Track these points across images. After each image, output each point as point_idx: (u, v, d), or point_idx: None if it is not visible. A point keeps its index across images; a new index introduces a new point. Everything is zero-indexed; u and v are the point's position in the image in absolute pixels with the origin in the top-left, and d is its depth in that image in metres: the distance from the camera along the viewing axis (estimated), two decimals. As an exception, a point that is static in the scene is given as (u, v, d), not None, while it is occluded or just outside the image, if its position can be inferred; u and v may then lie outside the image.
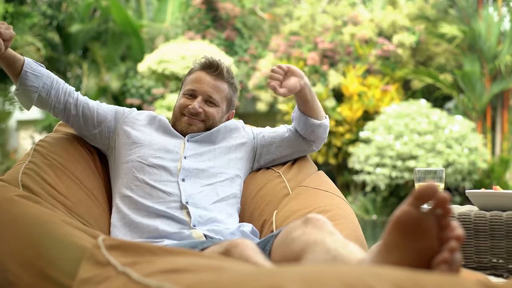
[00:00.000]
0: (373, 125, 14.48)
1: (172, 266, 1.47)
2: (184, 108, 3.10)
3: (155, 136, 3.04)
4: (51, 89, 2.99)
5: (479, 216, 2.76)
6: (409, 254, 1.55)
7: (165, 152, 2.98)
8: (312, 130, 3.22)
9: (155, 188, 2.84)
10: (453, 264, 1.51)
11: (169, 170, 2.91)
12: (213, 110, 3.12)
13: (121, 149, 3.03)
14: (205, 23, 18.63)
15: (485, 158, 14.31)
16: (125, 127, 3.07)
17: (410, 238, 1.55)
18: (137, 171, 2.90)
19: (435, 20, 16.33)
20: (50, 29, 19.88)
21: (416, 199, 1.54)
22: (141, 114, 3.17)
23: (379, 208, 14.67)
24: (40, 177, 2.84)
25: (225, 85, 3.16)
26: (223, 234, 2.72)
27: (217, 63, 3.15)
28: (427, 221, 1.54)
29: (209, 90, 3.11)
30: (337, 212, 2.80)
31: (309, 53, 16.52)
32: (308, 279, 1.10)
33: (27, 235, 2.44)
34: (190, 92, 3.11)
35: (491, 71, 15.52)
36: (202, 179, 2.95)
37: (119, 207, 2.85)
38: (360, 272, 1.16)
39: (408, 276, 1.18)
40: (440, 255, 1.52)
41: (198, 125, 3.10)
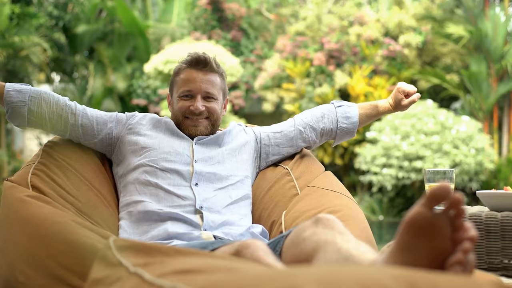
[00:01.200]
0: (380, 125, 14.47)
1: (184, 267, 1.46)
2: (186, 110, 3.07)
3: (163, 138, 3.03)
4: (41, 100, 2.98)
5: (490, 217, 2.75)
6: (423, 255, 1.54)
7: (175, 154, 2.96)
8: (342, 136, 3.41)
9: (170, 193, 2.82)
10: (466, 265, 1.51)
11: (182, 174, 2.90)
12: (214, 105, 3.10)
13: (129, 156, 3.00)
14: (211, 23, 18.63)
15: (492, 159, 14.28)
16: (130, 136, 3.04)
17: (424, 239, 1.54)
18: (150, 175, 2.88)
19: (442, 20, 16.30)
20: (56, 29, 19.90)
21: (429, 200, 1.54)
22: (144, 118, 3.14)
23: (386, 208, 14.65)
24: (50, 178, 2.83)
25: (217, 77, 3.15)
26: (233, 235, 2.71)
27: (204, 57, 3.11)
28: (441, 222, 1.54)
29: (205, 86, 3.08)
30: (346, 213, 2.79)
31: (315, 53, 16.50)
32: (324, 280, 1.10)
33: (38, 236, 2.44)
34: (186, 93, 3.08)
35: (498, 71, 15.49)
36: (214, 183, 2.93)
37: (129, 214, 2.83)
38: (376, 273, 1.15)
39: (425, 277, 1.17)
40: (454, 256, 1.51)
41: (203, 123, 3.08)
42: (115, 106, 19.51)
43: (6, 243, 2.60)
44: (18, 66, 18.29)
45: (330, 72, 16.31)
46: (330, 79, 16.25)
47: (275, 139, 3.26)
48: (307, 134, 3.30)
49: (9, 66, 18.23)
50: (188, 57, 3.14)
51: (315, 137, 3.32)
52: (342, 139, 3.41)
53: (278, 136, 3.27)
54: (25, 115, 2.96)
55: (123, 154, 3.02)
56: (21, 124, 2.99)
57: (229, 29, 18.75)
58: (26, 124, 3.00)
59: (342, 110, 3.37)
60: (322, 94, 15.68)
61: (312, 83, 16.28)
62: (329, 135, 3.37)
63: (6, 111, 2.95)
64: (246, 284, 1.19)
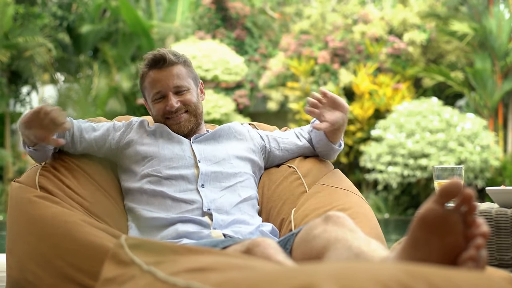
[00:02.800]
0: (385, 123, 14.47)
1: (197, 265, 1.46)
2: (163, 112, 3.01)
3: (162, 144, 2.98)
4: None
5: (500, 214, 2.74)
6: (435, 251, 1.55)
7: (178, 159, 2.92)
8: (328, 152, 3.22)
9: (177, 200, 2.79)
10: (479, 261, 1.51)
11: (187, 178, 2.87)
12: (188, 96, 3.01)
13: (132, 167, 2.96)
14: (215, 22, 18.65)
15: (497, 156, 14.28)
16: (131, 148, 3.00)
17: (436, 235, 1.55)
18: (154, 185, 2.85)
19: (446, 17, 16.30)
20: (61, 29, 19.95)
21: (441, 196, 1.54)
22: (139, 126, 3.09)
23: (391, 206, 14.66)
24: (57, 178, 2.83)
25: (180, 67, 3.03)
26: (242, 234, 2.70)
27: (160, 54, 3.01)
28: (453, 218, 1.54)
29: (172, 82, 2.99)
30: (356, 210, 2.79)
31: (319, 51, 16.52)
32: (341, 277, 1.09)
33: (47, 235, 2.45)
34: (157, 96, 3.01)
35: (502, 68, 15.48)
36: (222, 182, 2.91)
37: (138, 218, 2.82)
38: (392, 268, 1.15)
39: (441, 274, 1.17)
40: (466, 252, 1.52)
41: (184, 117, 3.01)
42: (119, 106, 19.52)
43: (15, 243, 2.61)
44: (22, 67, 18.34)
45: (334, 70, 16.32)
46: (335, 78, 16.26)
47: (284, 144, 3.24)
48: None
49: (14, 67, 18.28)
50: (145, 60, 3.07)
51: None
52: (331, 157, 3.29)
53: (287, 142, 3.25)
54: (49, 157, 2.96)
55: (126, 164, 3.00)
56: (39, 161, 2.96)
57: (233, 28, 18.76)
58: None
59: (313, 134, 3.25)
60: (326, 92, 15.67)
61: (317, 81, 16.29)
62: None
63: (35, 149, 2.89)
64: (262, 281, 1.18)
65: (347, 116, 3.05)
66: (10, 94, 19.26)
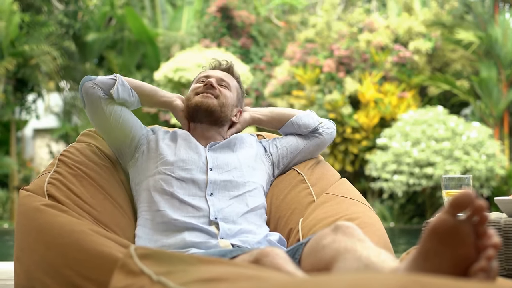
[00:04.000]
0: (390, 132, 14.47)
1: (207, 275, 1.46)
2: (197, 89, 3.14)
3: (179, 147, 3.02)
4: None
5: (509, 223, 2.74)
6: (446, 262, 1.54)
7: (191, 162, 2.95)
8: (298, 127, 3.28)
9: (185, 203, 2.80)
10: (490, 272, 1.51)
11: (198, 184, 2.88)
12: (226, 91, 3.15)
13: (146, 164, 2.98)
14: (221, 31, 18.68)
15: (502, 165, 14.26)
16: (152, 144, 3.05)
17: (447, 246, 1.54)
18: (165, 184, 2.86)
19: (451, 26, 16.31)
20: (66, 38, 20.00)
21: (452, 207, 1.54)
22: (166, 132, 3.16)
23: (397, 215, 14.65)
24: (66, 187, 2.83)
25: (234, 80, 3.24)
26: (250, 243, 2.70)
27: (226, 61, 3.27)
28: (464, 229, 1.53)
29: (220, 76, 3.18)
30: (364, 220, 2.78)
31: (325, 60, 16.53)
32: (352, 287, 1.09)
33: (55, 244, 2.45)
34: (202, 79, 3.17)
35: (508, 77, 15.47)
36: (231, 191, 2.92)
37: (146, 221, 2.82)
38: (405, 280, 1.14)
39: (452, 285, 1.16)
40: (477, 263, 1.51)
41: (212, 99, 3.08)
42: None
43: (23, 252, 2.61)
44: (28, 75, 18.39)
45: (340, 79, 16.32)
46: (340, 86, 16.26)
47: (281, 143, 3.27)
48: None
49: (20, 75, 18.33)
50: (212, 61, 3.31)
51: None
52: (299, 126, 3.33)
53: (284, 140, 3.28)
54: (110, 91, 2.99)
55: (141, 161, 3.01)
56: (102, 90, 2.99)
57: (238, 36, 18.79)
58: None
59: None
60: (332, 101, 15.69)
61: (322, 90, 16.29)
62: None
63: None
64: (274, 292, 1.18)
65: (254, 108, 3.33)
66: (16, 102, 19.31)
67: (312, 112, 3.34)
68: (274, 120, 3.28)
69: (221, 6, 18.62)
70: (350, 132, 15.77)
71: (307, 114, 3.28)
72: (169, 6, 21.85)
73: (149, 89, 3.15)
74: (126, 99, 3.02)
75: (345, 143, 15.88)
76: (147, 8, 21.64)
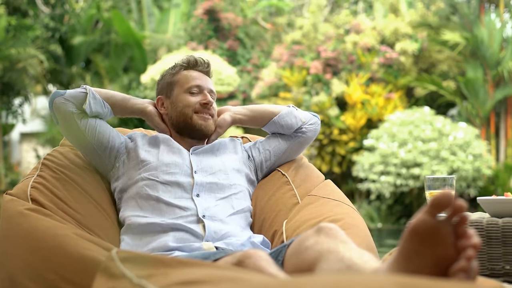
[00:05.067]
0: (377, 133, 14.49)
1: (188, 278, 1.46)
2: (194, 105, 3.05)
3: (161, 152, 3.00)
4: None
5: (492, 223, 2.75)
6: (426, 262, 1.55)
7: (175, 166, 2.94)
8: (280, 127, 3.24)
9: (171, 205, 2.79)
10: (470, 272, 1.51)
11: (183, 186, 2.87)
12: (215, 105, 3.14)
13: (129, 172, 2.97)
14: (207, 33, 18.66)
15: (489, 165, 14.30)
16: (132, 153, 3.02)
17: (427, 246, 1.55)
18: (150, 189, 2.85)
19: (437, 27, 16.35)
20: (53, 41, 19.95)
21: (432, 207, 1.54)
22: (144, 136, 3.12)
23: (384, 216, 14.66)
24: (49, 191, 2.82)
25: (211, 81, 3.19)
26: (234, 245, 2.70)
27: (204, 60, 3.15)
28: (444, 229, 1.54)
29: (210, 85, 3.12)
30: (347, 221, 2.78)
31: (311, 62, 16.54)
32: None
33: (38, 248, 2.44)
34: (195, 89, 3.07)
35: (494, 78, 15.52)
36: (216, 193, 2.92)
37: (131, 226, 2.81)
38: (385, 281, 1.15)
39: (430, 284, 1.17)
40: (457, 263, 1.52)
41: (211, 122, 3.09)
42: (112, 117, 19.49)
43: (6, 257, 2.59)
44: (14, 79, 18.32)
45: (327, 80, 16.33)
46: (327, 88, 16.27)
47: (263, 145, 3.26)
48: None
49: (6, 79, 18.25)
50: (185, 58, 3.15)
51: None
52: (282, 126, 3.29)
53: (266, 142, 3.27)
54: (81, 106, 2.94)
55: (124, 170, 3.00)
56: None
57: (225, 38, 18.78)
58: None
59: None
60: (319, 103, 15.70)
61: (309, 91, 16.30)
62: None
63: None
64: (252, 294, 1.18)
65: (235, 111, 3.23)
66: (2, 105, 19.23)
67: (294, 108, 3.28)
68: (255, 119, 3.24)
69: (208, 8, 18.61)
70: (337, 133, 15.78)
71: (289, 112, 3.23)
72: (156, 9, 21.82)
73: (120, 98, 3.07)
74: (99, 112, 2.98)
75: (332, 144, 15.90)
76: (134, 11, 21.61)
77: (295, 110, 3.26)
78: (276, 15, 20.56)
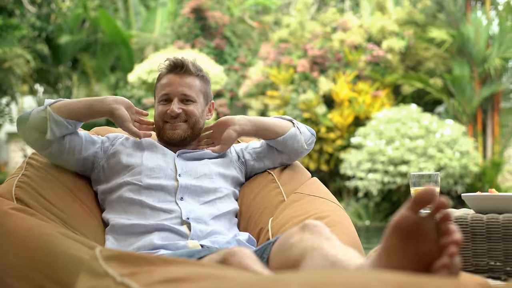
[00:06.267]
0: (364, 130, 14.50)
1: (171, 276, 1.46)
2: (164, 115, 3.05)
3: (145, 156, 2.99)
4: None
5: (476, 219, 2.76)
6: (409, 258, 1.55)
7: (159, 170, 2.93)
8: (282, 147, 3.23)
9: (155, 209, 2.79)
10: (453, 269, 1.51)
11: (167, 189, 2.87)
12: (192, 107, 3.06)
13: (112, 176, 2.96)
14: (194, 32, 18.64)
15: (476, 162, 14.34)
16: (114, 158, 3.01)
17: (410, 243, 1.55)
18: (134, 193, 2.84)
19: (424, 24, 16.38)
20: (39, 40, 19.87)
21: (414, 203, 1.54)
22: (127, 139, 3.11)
23: (372, 213, 14.68)
24: (34, 190, 2.82)
25: (196, 80, 3.10)
26: (219, 243, 2.70)
27: (181, 61, 3.09)
28: (426, 226, 1.54)
29: (182, 89, 3.05)
30: (333, 218, 2.79)
31: (298, 60, 16.54)
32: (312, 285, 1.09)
33: (23, 248, 2.43)
34: (164, 97, 3.06)
35: (481, 75, 15.56)
36: (201, 197, 2.91)
37: (113, 226, 2.81)
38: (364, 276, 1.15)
39: (412, 281, 1.17)
40: (440, 260, 1.52)
41: (182, 127, 3.05)
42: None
43: (-9, 256, 2.59)
44: (1, 78, 18.24)
45: (314, 78, 16.34)
46: (314, 86, 16.28)
47: (256, 153, 3.26)
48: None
49: (-8, 78, 18.17)
50: (166, 61, 3.13)
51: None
52: (285, 145, 3.25)
53: (259, 150, 3.27)
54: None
55: (106, 175, 2.99)
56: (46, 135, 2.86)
57: (212, 37, 18.77)
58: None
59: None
60: (306, 101, 15.71)
61: (297, 89, 16.30)
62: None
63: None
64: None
65: (242, 124, 3.14)
66: (-11, 105, 19.17)
67: (296, 127, 3.24)
68: (258, 135, 3.20)
69: (195, 7, 18.59)
70: (325, 131, 15.79)
71: (293, 135, 3.20)
72: (143, 7, 21.78)
73: (85, 107, 2.91)
74: (64, 133, 2.91)
75: (320, 142, 15.90)
76: (120, 10, 21.56)
77: (299, 134, 3.22)
78: (263, 14, 20.57)
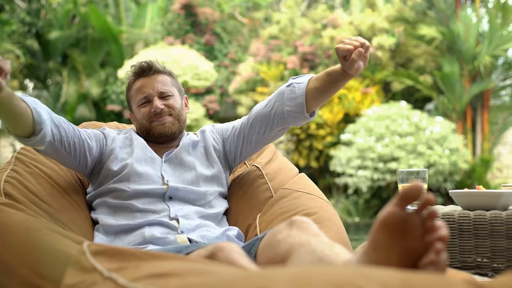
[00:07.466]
0: (354, 127, 14.51)
1: (158, 271, 1.46)
2: (148, 115, 3.07)
3: (134, 160, 2.99)
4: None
5: (463, 216, 2.77)
6: (395, 254, 1.55)
7: (147, 177, 2.94)
8: (297, 114, 2.96)
9: (144, 210, 2.81)
10: (439, 265, 1.52)
11: (156, 193, 2.88)
12: (172, 101, 3.11)
13: (102, 180, 2.97)
14: (185, 28, 18.62)
15: (466, 159, 14.37)
16: (107, 161, 3.00)
17: (396, 238, 1.55)
18: (122, 199, 2.87)
19: (414, 22, 16.39)
20: (29, 36, 19.79)
21: (401, 199, 1.55)
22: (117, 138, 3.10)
23: (362, 210, 14.70)
24: (22, 185, 2.82)
25: (165, 76, 3.16)
26: (208, 238, 2.71)
27: (146, 63, 3.14)
28: (413, 222, 1.55)
29: (157, 87, 3.10)
30: (321, 215, 2.80)
31: (289, 56, 16.54)
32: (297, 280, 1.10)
33: (11, 243, 2.42)
34: (143, 100, 3.09)
35: (470, 72, 15.59)
36: (189, 202, 2.93)
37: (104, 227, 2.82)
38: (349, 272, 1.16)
39: (397, 276, 1.18)
40: (426, 256, 1.52)
41: (168, 120, 3.08)
42: (89, 112, 19.46)
43: (-21, 251, 2.58)
44: (-10, 74, 18.13)
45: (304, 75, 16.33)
46: (304, 82, 16.26)
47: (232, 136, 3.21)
48: (256, 125, 3.09)
49: (-18, 74, 18.07)
50: (132, 69, 3.16)
51: (266, 127, 3.06)
52: (297, 123, 3.00)
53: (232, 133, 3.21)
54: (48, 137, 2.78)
55: (98, 177, 3.00)
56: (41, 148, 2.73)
57: (202, 33, 18.75)
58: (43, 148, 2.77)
59: (289, 90, 2.97)
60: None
61: (286, 86, 16.28)
62: (281, 119, 3.00)
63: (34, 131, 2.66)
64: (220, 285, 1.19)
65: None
66: (-22, 101, 19.08)
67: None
68: (331, 92, 3.06)
69: (185, 3, 18.55)
70: (315, 128, 15.80)
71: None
72: (133, 3, 21.72)
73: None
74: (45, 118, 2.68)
75: (309, 139, 15.91)
76: (111, 6, 21.50)
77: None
78: (253, 10, 20.56)
